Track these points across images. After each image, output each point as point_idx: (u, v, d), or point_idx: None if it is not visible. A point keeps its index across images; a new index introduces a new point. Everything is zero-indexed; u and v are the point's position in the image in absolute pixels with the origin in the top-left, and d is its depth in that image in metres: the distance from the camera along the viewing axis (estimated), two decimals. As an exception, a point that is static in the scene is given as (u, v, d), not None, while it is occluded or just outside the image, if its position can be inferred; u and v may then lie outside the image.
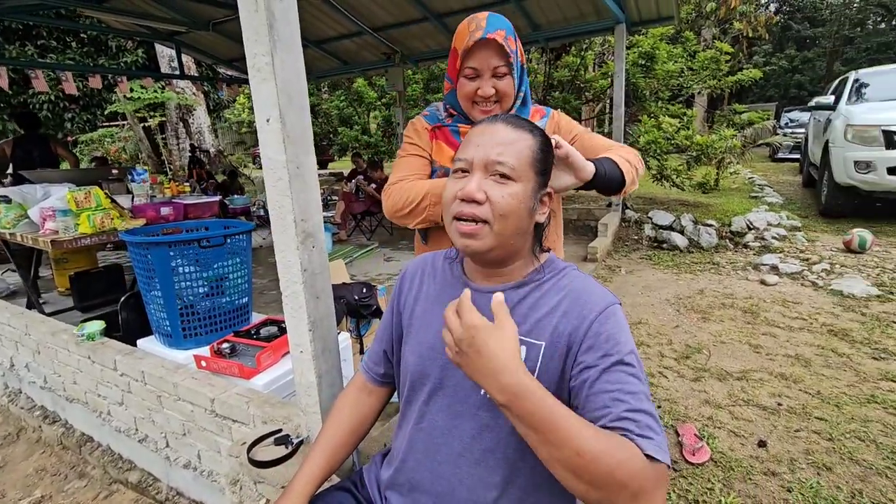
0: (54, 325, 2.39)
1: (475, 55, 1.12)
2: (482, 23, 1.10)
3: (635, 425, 0.66)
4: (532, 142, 0.80)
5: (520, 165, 0.77)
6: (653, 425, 0.67)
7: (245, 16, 1.08)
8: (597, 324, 0.74)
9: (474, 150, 0.79)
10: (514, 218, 0.77)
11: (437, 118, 1.30)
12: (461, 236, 0.78)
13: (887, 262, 3.96)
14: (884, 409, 2.08)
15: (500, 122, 0.81)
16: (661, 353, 2.71)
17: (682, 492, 1.68)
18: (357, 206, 6.39)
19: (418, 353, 0.88)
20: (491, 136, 0.79)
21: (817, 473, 1.73)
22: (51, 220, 2.48)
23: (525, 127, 0.82)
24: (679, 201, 6.50)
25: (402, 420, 0.93)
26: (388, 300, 2.66)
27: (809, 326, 2.94)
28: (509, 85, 1.15)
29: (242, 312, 2.19)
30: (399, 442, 0.92)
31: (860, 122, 4.95)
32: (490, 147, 0.77)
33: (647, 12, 5.28)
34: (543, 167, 0.81)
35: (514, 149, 0.78)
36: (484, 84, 1.14)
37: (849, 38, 23.29)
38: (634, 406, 0.68)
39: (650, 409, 0.69)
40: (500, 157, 0.76)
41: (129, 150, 14.72)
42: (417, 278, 0.97)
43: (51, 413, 2.49)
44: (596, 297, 0.78)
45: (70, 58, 9.39)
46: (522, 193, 0.77)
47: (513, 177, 0.76)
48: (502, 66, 1.12)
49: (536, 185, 0.80)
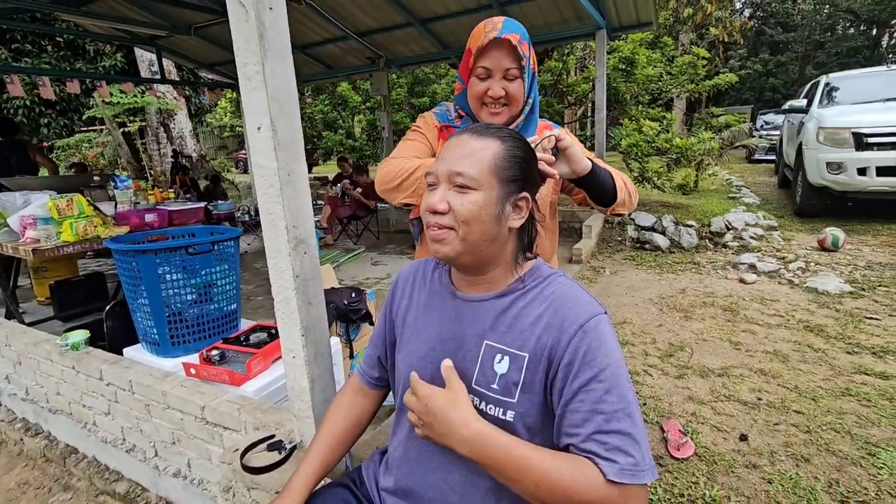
0: (36, 336, 2.35)
1: (488, 55, 1.12)
2: (498, 24, 1.12)
3: (602, 448, 0.69)
4: (498, 148, 0.80)
5: (479, 174, 0.78)
6: (623, 446, 0.68)
7: (235, 25, 1.10)
8: (576, 338, 0.74)
9: (441, 163, 0.81)
10: (477, 223, 0.78)
11: (447, 118, 1.30)
12: (431, 242, 0.82)
13: (859, 260, 4.11)
14: (858, 402, 2.16)
15: (466, 133, 0.83)
16: (646, 352, 2.77)
17: (668, 486, 1.73)
18: (343, 211, 6.38)
19: (409, 362, 0.90)
20: (455, 149, 0.81)
21: (796, 465, 1.80)
22: (31, 228, 2.43)
23: (493, 135, 0.82)
24: (660, 202, 6.62)
25: (397, 426, 0.95)
26: (377, 305, 2.67)
27: (786, 323, 3.03)
28: (519, 89, 1.15)
29: (231, 319, 2.18)
30: (394, 448, 0.94)
31: (831, 125, 5.13)
32: (453, 160, 0.80)
33: (627, 18, 5.40)
34: (513, 172, 0.81)
35: (475, 158, 0.79)
36: (494, 84, 1.14)
37: (820, 43, 24.02)
38: (604, 428, 0.70)
39: (625, 427, 0.70)
40: (459, 168, 0.78)
41: (108, 155, 14.44)
42: (409, 286, 0.98)
43: (33, 425, 2.44)
44: (579, 308, 0.78)
45: (46, 62, 9.18)
46: (483, 200, 0.78)
47: (472, 185, 0.78)
48: (514, 68, 1.12)
49: (502, 190, 0.79)
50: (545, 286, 0.83)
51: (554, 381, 0.76)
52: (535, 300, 0.82)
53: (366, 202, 6.42)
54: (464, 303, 0.86)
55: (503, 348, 0.80)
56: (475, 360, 0.82)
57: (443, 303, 0.90)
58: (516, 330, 0.80)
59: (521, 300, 0.82)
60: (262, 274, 5.01)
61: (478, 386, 0.81)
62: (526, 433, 0.79)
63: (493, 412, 0.79)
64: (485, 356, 0.81)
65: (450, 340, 0.86)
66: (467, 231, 0.78)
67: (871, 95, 5.60)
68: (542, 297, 0.82)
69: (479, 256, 0.81)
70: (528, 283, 0.84)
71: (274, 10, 1.10)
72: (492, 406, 0.79)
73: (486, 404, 0.80)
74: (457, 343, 0.85)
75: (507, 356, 0.79)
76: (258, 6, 1.06)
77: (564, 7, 5.13)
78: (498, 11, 5.26)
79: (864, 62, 20.16)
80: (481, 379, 0.81)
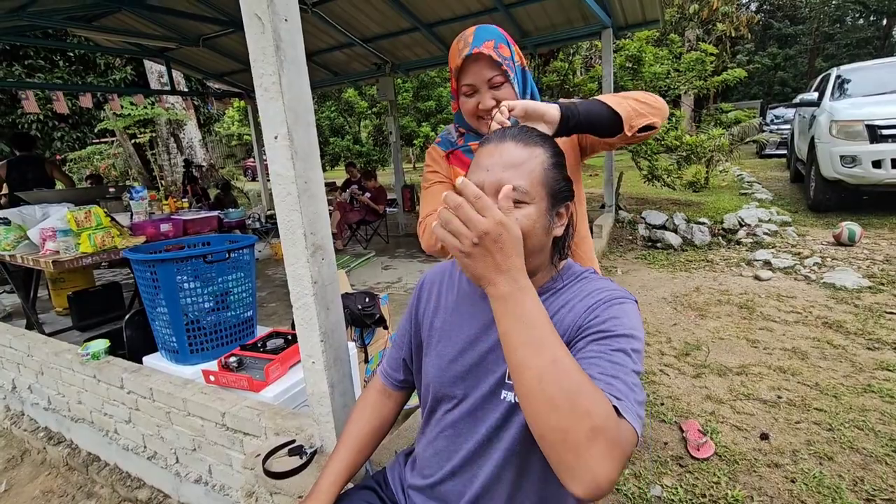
0: (57, 346, 2.39)
1: (467, 72, 1.13)
2: (469, 38, 1.12)
3: (608, 387, 0.64)
4: (544, 157, 0.77)
5: (532, 186, 0.74)
6: (627, 393, 0.64)
7: (252, 37, 1.11)
8: (600, 308, 0.74)
9: (484, 173, 0.76)
10: (531, 239, 0.75)
11: (450, 142, 1.30)
12: None
13: (876, 254, 4.04)
14: (880, 399, 2.12)
15: (508, 140, 0.78)
16: (661, 352, 2.75)
17: (689, 486, 1.71)
18: (352, 216, 6.41)
19: (439, 366, 0.90)
20: (500, 158, 0.76)
21: (819, 463, 1.77)
22: (51, 240, 2.48)
23: (534, 141, 0.79)
24: (671, 200, 6.58)
25: (426, 426, 0.96)
26: (390, 309, 2.68)
27: (804, 320, 2.99)
28: (509, 93, 1.14)
29: (248, 326, 2.20)
30: (422, 448, 0.95)
31: (844, 118, 5.06)
32: (499, 170, 0.75)
33: (633, 16, 5.38)
34: (559, 182, 0.78)
35: (524, 169, 0.75)
36: (483, 97, 1.13)
37: (829, 35, 23.75)
38: (611, 372, 0.65)
39: (632, 381, 0.66)
40: (511, 181, 0.73)
41: (119, 166, 14.66)
42: (436, 289, 0.98)
43: (55, 434, 2.48)
44: (608, 292, 0.78)
45: (58, 77, 9.37)
46: (537, 214, 0.75)
47: (526, 200, 0.74)
48: (497, 75, 1.11)
49: (550, 202, 0.77)
50: (578, 282, 0.84)
51: (572, 343, 0.74)
52: (565, 293, 0.82)
53: (375, 207, 6.45)
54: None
55: None
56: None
57: (473, 305, 0.89)
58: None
59: (553, 297, 0.83)
60: (273, 280, 5.05)
61: (510, 380, 0.81)
62: None
63: None
64: None
65: (481, 341, 0.86)
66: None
67: (884, 87, 5.52)
68: (573, 289, 0.82)
69: (528, 269, 0.80)
70: (560, 283, 0.84)
71: (289, 22, 1.12)
72: None
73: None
74: (489, 344, 0.85)
75: None
76: (274, 18, 1.07)
77: (570, 7, 5.13)
78: (502, 14, 5.27)
79: (875, 53, 19.90)
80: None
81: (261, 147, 8.25)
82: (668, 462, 1.85)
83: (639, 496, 1.69)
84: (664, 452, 1.91)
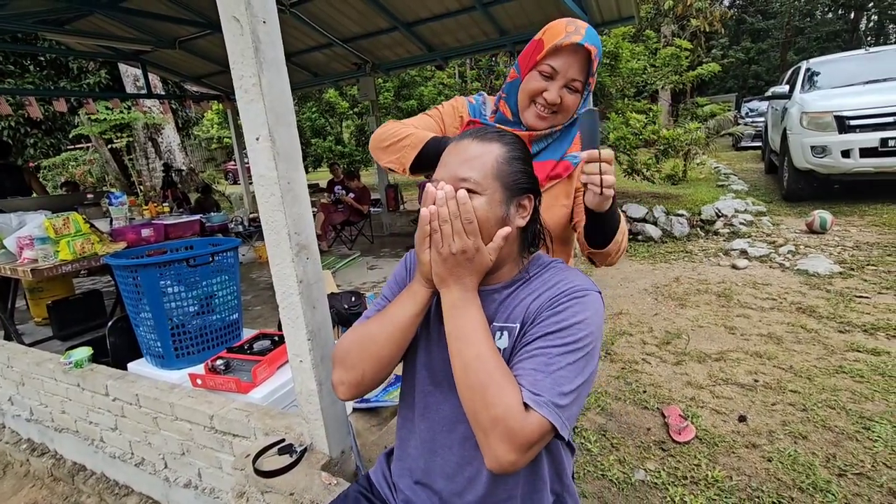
0: (38, 356, 2.35)
1: (561, 55, 1.03)
2: (581, 30, 1.02)
3: (531, 383, 0.72)
4: (498, 151, 0.82)
5: (484, 178, 0.80)
6: (549, 388, 0.71)
7: (230, 39, 1.12)
8: (562, 300, 0.79)
9: (444, 169, 0.83)
10: (486, 226, 0.79)
11: (480, 113, 1.22)
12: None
13: (846, 241, 4.19)
14: (851, 379, 2.21)
15: (468, 138, 0.84)
16: (643, 341, 2.82)
17: (672, 469, 1.77)
18: (337, 217, 6.40)
19: (420, 346, 0.92)
20: (458, 154, 0.83)
21: (794, 442, 1.85)
22: (28, 248, 2.44)
23: (494, 139, 0.84)
24: (650, 194, 6.70)
25: (406, 409, 0.98)
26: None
27: (779, 306, 3.09)
28: (575, 102, 1.08)
29: (234, 328, 2.20)
30: (404, 433, 0.97)
31: (814, 109, 5.22)
32: (456, 165, 0.82)
33: (609, 13, 5.45)
34: (515, 174, 0.83)
35: (477, 163, 0.81)
36: (553, 88, 1.05)
37: (799, 29, 24.34)
38: (542, 368, 0.73)
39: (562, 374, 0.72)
40: (464, 174, 0.80)
41: (96, 172, 14.33)
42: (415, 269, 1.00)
43: (38, 445, 2.44)
44: (573, 283, 0.82)
45: (29, 82, 9.13)
46: (486, 205, 0.80)
47: (476, 190, 0.79)
48: (580, 80, 1.05)
49: (505, 193, 0.82)
50: (545, 272, 0.88)
51: (525, 329, 0.80)
52: (533, 283, 0.86)
53: (359, 207, 6.44)
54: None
55: (502, 325, 0.84)
56: None
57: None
58: (512, 307, 0.85)
59: (523, 288, 0.87)
60: (257, 284, 5.02)
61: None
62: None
63: None
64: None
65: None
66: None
67: (852, 78, 5.71)
68: (541, 279, 0.86)
69: (494, 260, 0.83)
70: (530, 273, 0.88)
71: (268, 24, 1.13)
72: None
73: None
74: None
75: (505, 331, 0.84)
76: (252, 20, 1.09)
77: (547, 5, 5.18)
78: (481, 13, 5.31)
79: (844, 46, 20.47)
80: None
81: (242, 150, 8.16)
82: (650, 447, 1.91)
83: (623, 480, 1.74)
84: (647, 438, 1.96)
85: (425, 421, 0.92)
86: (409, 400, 0.97)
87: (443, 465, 0.89)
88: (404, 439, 0.97)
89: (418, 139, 1.09)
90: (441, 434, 0.89)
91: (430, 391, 0.91)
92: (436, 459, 0.90)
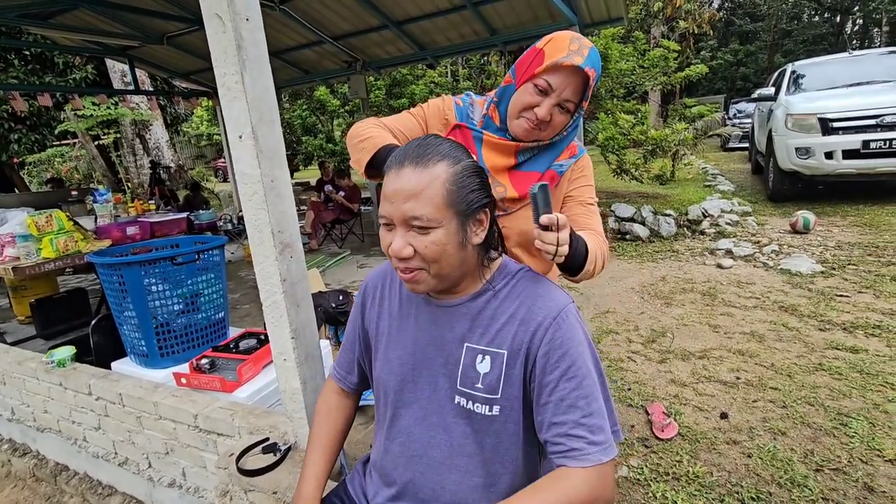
0: (19, 354, 2.32)
1: (560, 74, 1.00)
2: (585, 51, 0.99)
3: (576, 441, 0.76)
4: (446, 174, 0.76)
5: (435, 211, 0.75)
6: (588, 435, 0.76)
7: (213, 37, 1.12)
8: (551, 330, 0.79)
9: (390, 206, 0.77)
10: (446, 258, 0.78)
11: (466, 115, 1.18)
12: (406, 282, 0.82)
13: (829, 241, 4.26)
14: (830, 376, 2.26)
15: (408, 165, 0.77)
16: (629, 339, 2.85)
17: (654, 465, 1.80)
18: (327, 215, 6.37)
19: (388, 369, 0.92)
20: (401, 188, 0.76)
21: (774, 438, 1.88)
22: (10, 246, 2.40)
23: (436, 159, 0.77)
24: (639, 194, 6.76)
25: (378, 431, 0.97)
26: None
27: (762, 304, 3.14)
28: (563, 123, 1.07)
29: (220, 327, 2.19)
30: (377, 455, 0.96)
31: (798, 112, 5.30)
32: (401, 202, 0.75)
33: (598, 14, 5.49)
34: (467, 195, 0.78)
35: (425, 197, 0.75)
36: (546, 105, 1.02)
37: (787, 32, 24.68)
38: (575, 419, 0.77)
39: (594, 408, 0.77)
40: (414, 212, 0.74)
41: (82, 169, 14.14)
42: (378, 292, 0.99)
43: (20, 445, 2.41)
44: (549, 301, 0.82)
45: (14, 76, 8.97)
46: (445, 235, 0.76)
47: (430, 225, 0.75)
48: (573, 102, 1.03)
49: (460, 218, 0.77)
50: (515, 283, 0.87)
51: (532, 372, 0.80)
52: (507, 298, 0.85)
53: (349, 206, 6.42)
54: (439, 308, 0.88)
55: (483, 349, 0.83)
56: (458, 363, 0.85)
57: (417, 308, 0.91)
58: (493, 330, 0.83)
59: (493, 301, 0.85)
60: (246, 282, 4.99)
61: (463, 387, 0.84)
62: (513, 425, 0.83)
63: (481, 410, 0.83)
64: (466, 358, 0.84)
65: (429, 346, 0.88)
66: (438, 268, 0.78)
67: (836, 81, 5.80)
68: (513, 294, 0.85)
69: (453, 280, 0.83)
70: (497, 283, 0.87)
71: (251, 21, 1.13)
72: (479, 405, 0.83)
73: (474, 403, 0.83)
74: (437, 347, 0.87)
75: (487, 356, 0.83)
76: (235, 17, 1.08)
77: (537, 5, 5.20)
78: (471, 12, 5.31)
79: (830, 48, 20.79)
80: (466, 380, 0.84)
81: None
82: (634, 444, 1.93)
83: (607, 477, 1.76)
84: (631, 435, 1.99)
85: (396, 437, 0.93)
86: (380, 415, 0.99)
87: (418, 491, 0.89)
88: (376, 458, 0.99)
89: (374, 144, 1.05)
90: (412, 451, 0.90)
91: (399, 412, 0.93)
92: (412, 485, 0.89)
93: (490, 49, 6.61)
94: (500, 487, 0.85)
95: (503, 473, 0.85)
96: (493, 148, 1.12)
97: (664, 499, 1.63)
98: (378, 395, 0.96)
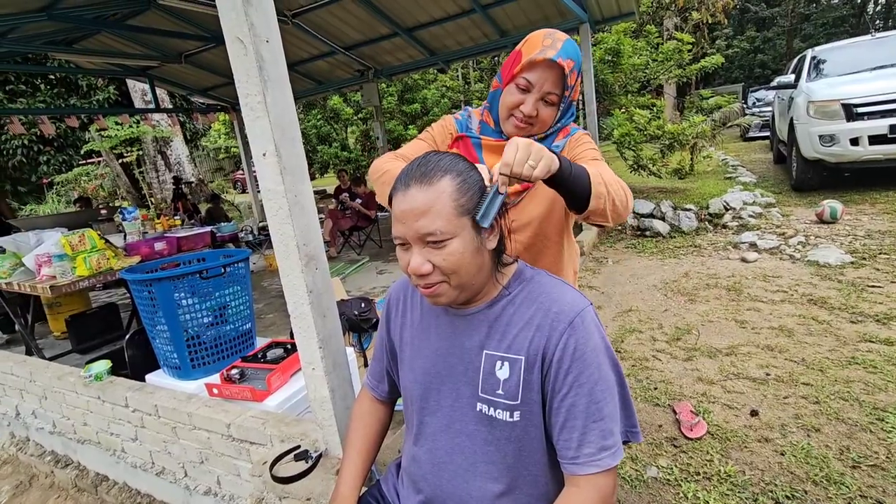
0: (59, 369, 2.41)
1: (537, 70, 1.06)
2: (558, 44, 1.05)
3: (588, 447, 0.79)
4: (451, 186, 0.78)
5: (447, 224, 0.76)
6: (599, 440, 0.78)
7: (235, 59, 1.16)
8: (566, 335, 0.80)
9: (403, 227, 0.79)
10: (465, 267, 0.79)
11: (466, 126, 1.25)
12: (427, 297, 0.83)
13: (858, 230, 4.14)
14: (864, 370, 2.20)
15: (412, 187, 0.78)
16: (653, 338, 2.82)
17: (684, 465, 1.78)
18: (344, 223, 6.45)
19: (413, 378, 0.94)
20: (410, 209, 0.77)
21: (807, 435, 1.84)
22: (47, 265, 2.51)
23: (439, 174, 0.78)
24: (657, 189, 6.66)
25: (407, 438, 1.00)
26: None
27: (790, 298, 3.07)
28: (551, 115, 1.11)
29: (247, 338, 2.24)
30: (407, 461, 0.99)
31: (820, 98, 5.16)
32: (412, 221, 0.77)
33: (609, 10, 5.46)
34: (473, 201, 0.79)
35: (433, 212, 0.76)
36: (529, 101, 1.08)
37: (805, 16, 24.03)
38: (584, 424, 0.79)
39: (605, 413, 0.79)
40: (427, 229, 0.76)
41: (107, 186, 14.58)
42: (401, 304, 1.02)
43: (62, 457, 2.50)
44: (565, 306, 0.82)
45: (41, 100, 9.33)
46: (461, 245, 0.78)
47: (445, 238, 0.77)
48: (555, 94, 1.08)
49: (473, 224, 0.79)
50: (530, 288, 0.87)
51: (547, 376, 0.81)
52: (523, 304, 0.86)
53: (366, 212, 6.49)
54: (457, 317, 0.90)
55: (502, 355, 0.84)
56: (478, 370, 0.86)
57: (437, 318, 0.94)
58: (510, 336, 0.84)
59: (510, 306, 0.86)
60: (269, 292, 5.08)
61: (484, 394, 0.86)
62: (535, 430, 0.84)
63: (502, 416, 0.84)
64: (486, 365, 0.86)
65: (450, 354, 0.90)
66: (458, 278, 0.80)
67: (858, 65, 5.63)
68: (529, 299, 0.86)
69: (474, 290, 0.85)
70: (513, 289, 0.88)
71: (271, 42, 1.16)
72: (500, 410, 0.84)
73: (495, 409, 0.84)
74: (457, 356, 0.89)
75: (506, 362, 0.84)
76: (256, 40, 1.12)
77: (546, 5, 5.20)
78: (480, 15, 5.33)
79: (851, 31, 20.17)
80: (487, 387, 0.85)
81: (249, 159, 8.26)
82: (662, 444, 1.91)
83: (636, 478, 1.75)
84: (658, 434, 1.97)
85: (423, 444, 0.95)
86: (407, 422, 1.01)
87: (446, 499, 0.90)
88: (406, 465, 1.01)
89: (391, 176, 1.04)
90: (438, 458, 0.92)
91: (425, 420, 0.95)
92: (440, 492, 0.91)
93: (500, 51, 6.62)
94: (523, 493, 0.85)
95: (527, 479, 0.85)
96: (492, 149, 1.18)
97: (695, 499, 1.62)
98: (406, 403, 0.98)
